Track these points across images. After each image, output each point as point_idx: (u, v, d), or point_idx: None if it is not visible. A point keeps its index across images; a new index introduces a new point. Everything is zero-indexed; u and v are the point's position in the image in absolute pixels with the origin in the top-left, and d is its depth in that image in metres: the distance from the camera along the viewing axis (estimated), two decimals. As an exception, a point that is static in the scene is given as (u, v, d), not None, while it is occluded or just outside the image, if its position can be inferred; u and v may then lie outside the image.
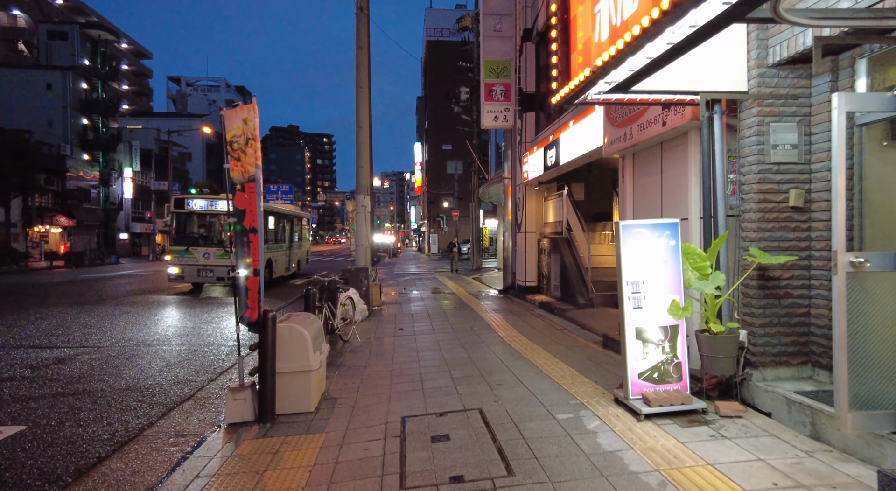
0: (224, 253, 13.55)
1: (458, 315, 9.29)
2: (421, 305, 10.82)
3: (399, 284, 16.78)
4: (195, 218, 14.73)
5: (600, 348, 6.27)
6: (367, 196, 11.61)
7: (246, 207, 4.36)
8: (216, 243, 13.99)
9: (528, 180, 11.06)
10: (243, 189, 4.37)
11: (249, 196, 4.35)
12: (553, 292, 10.43)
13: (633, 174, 6.10)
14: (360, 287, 9.74)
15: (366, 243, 11.25)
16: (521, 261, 11.78)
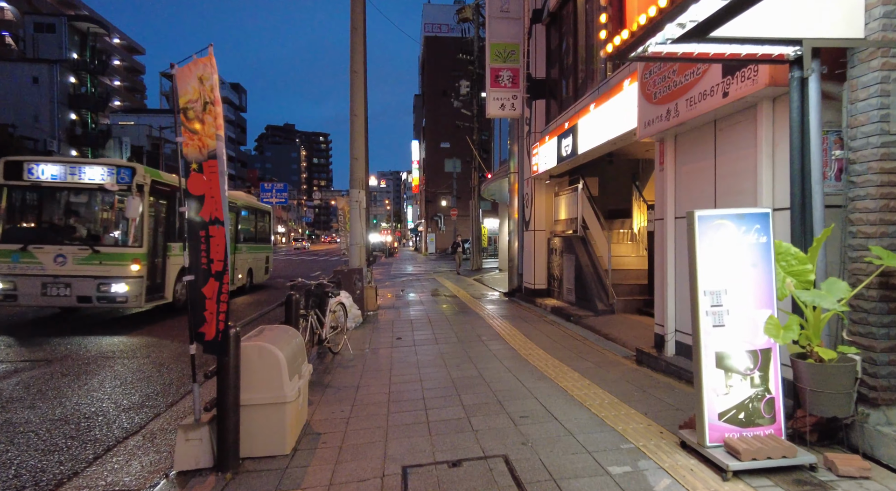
0: (91, 256, 8.21)
1: (463, 322, 8.35)
2: (420, 310, 9.87)
3: (396, 285, 15.82)
4: (43, 196, 8.75)
5: (634, 365, 5.34)
6: (362, 191, 10.67)
7: (205, 192, 3.40)
8: (79, 239, 8.51)
9: (538, 174, 10.13)
10: (201, 169, 3.42)
11: (210, 177, 3.39)
12: (566, 296, 9.51)
13: (675, 160, 5.17)
14: (353, 290, 8.79)
15: (360, 242, 10.31)
16: (529, 262, 10.85)
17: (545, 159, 9.58)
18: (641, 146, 7.53)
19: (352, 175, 10.59)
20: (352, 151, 10.56)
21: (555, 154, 8.97)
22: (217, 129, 3.39)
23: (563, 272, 9.68)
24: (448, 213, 44.30)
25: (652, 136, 5.22)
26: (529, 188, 10.84)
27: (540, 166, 9.93)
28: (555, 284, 10.16)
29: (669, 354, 5.12)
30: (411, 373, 5.29)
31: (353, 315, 8.10)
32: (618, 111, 6.45)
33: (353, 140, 10.45)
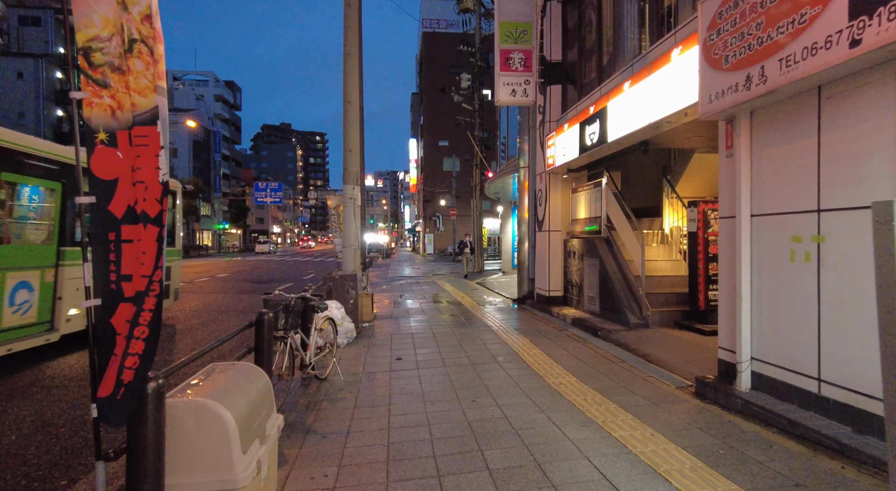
0: None
1: (471, 336, 7.25)
2: (422, 321, 8.76)
3: (394, 289, 14.70)
4: None
5: (698, 402, 4.24)
6: (357, 186, 9.57)
7: (119, 175, 2.29)
8: None
9: (554, 167, 9.03)
10: (114, 141, 2.30)
11: (133, 154, 2.28)
12: (587, 305, 8.41)
13: (753, 143, 4.07)
14: (346, 300, 7.68)
15: (355, 244, 9.20)
16: (543, 266, 9.75)
17: (563, 151, 8.48)
18: (681, 132, 6.45)
19: (345, 169, 9.49)
20: (345, 143, 9.46)
21: (576, 144, 7.87)
22: (156, 79, 2.29)
23: (583, 278, 8.59)
24: (447, 213, 43.18)
25: (720, 112, 4.12)
26: (543, 184, 9.74)
27: (556, 159, 8.83)
28: (573, 291, 9.07)
29: (744, 389, 4.02)
30: (416, 411, 4.18)
31: (346, 329, 7.00)
32: (663, 88, 5.35)
33: (346, 130, 9.35)
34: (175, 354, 6.79)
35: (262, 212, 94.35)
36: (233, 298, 12.76)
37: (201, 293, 13.92)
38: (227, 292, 14.25)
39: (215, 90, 77.31)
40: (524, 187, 11.00)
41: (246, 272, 22.74)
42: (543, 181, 9.72)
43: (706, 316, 6.55)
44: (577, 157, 7.88)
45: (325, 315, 5.56)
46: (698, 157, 7.61)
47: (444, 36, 49.16)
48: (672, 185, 7.97)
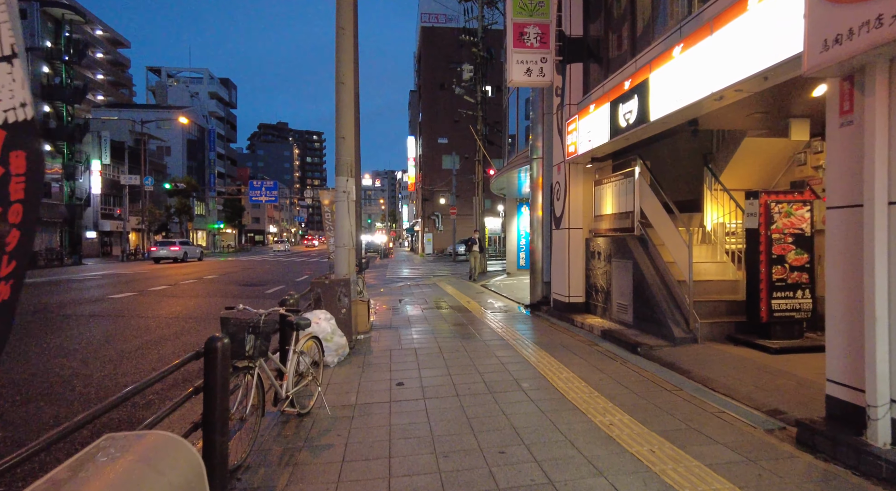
0: None
1: (485, 352, 6.13)
2: (425, 332, 7.64)
3: (392, 292, 13.58)
4: None
5: (810, 458, 3.13)
6: (351, 178, 8.47)
7: None
8: None
9: (576, 156, 7.92)
10: None
11: None
12: (616, 314, 7.30)
13: (892, 106, 2.97)
14: (337, 309, 6.55)
15: (349, 243, 8.10)
16: (561, 268, 8.65)
17: (588, 136, 7.36)
18: (740, 108, 5.35)
19: (338, 159, 8.39)
20: (338, 129, 8.36)
21: (605, 127, 6.76)
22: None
23: (610, 283, 7.48)
24: (446, 212, 42.05)
25: (840, 64, 3.01)
26: (561, 176, 8.63)
27: (579, 146, 7.72)
28: (598, 297, 7.95)
29: (883, 444, 2.91)
30: (425, 469, 3.07)
31: (337, 345, 5.87)
32: (731, 48, 4.24)
33: (338, 114, 8.26)
34: (123, 376, 5.65)
35: (259, 211, 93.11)
36: (217, 303, 11.63)
37: (184, 297, 12.78)
38: (213, 296, 13.11)
39: (210, 87, 76.04)
40: (537, 182, 9.88)
41: (236, 273, 21.58)
42: (562, 172, 8.61)
43: (770, 330, 5.45)
44: (606, 142, 6.77)
45: (309, 333, 4.44)
46: (750, 142, 6.51)
47: (443, 31, 48.03)
48: (715, 174, 6.87)
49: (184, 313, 10.12)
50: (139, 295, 13.19)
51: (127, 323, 8.99)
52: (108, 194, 43.41)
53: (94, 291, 14.28)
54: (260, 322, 3.45)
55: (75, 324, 8.88)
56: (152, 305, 11.24)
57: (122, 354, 6.60)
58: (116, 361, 6.27)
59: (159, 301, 12.00)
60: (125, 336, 7.81)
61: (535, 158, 9.89)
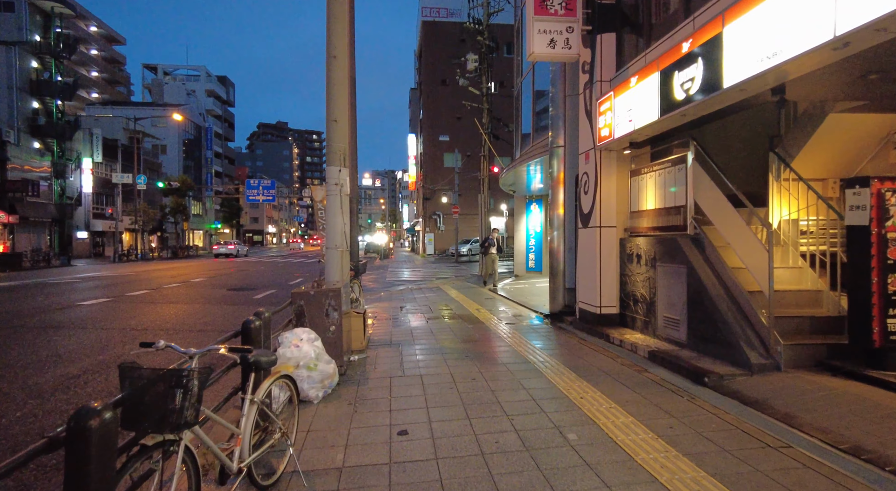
0: None
1: (511, 382, 4.88)
2: (433, 350, 6.39)
3: (392, 298, 12.34)
4: None
5: None
6: (345, 168, 7.26)
7: None
8: None
9: (610, 141, 6.67)
10: None
11: None
12: (663, 330, 6.06)
13: None
14: (324, 327, 5.30)
15: (342, 245, 6.90)
16: (590, 273, 7.40)
17: (628, 115, 6.12)
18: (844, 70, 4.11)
19: (329, 146, 7.17)
20: (329, 111, 7.16)
21: (653, 101, 5.51)
22: None
23: (654, 292, 6.23)
24: (448, 212, 40.77)
25: None
26: (591, 166, 7.38)
27: (615, 128, 6.47)
28: (637, 308, 6.70)
29: None
30: None
31: (322, 374, 4.62)
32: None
33: (330, 94, 7.05)
34: (46, 415, 4.40)
35: (257, 211, 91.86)
36: (197, 311, 10.39)
37: (162, 304, 11.53)
38: (195, 302, 11.87)
39: (207, 85, 74.80)
40: (559, 177, 8.63)
41: (226, 276, 20.34)
42: (591, 162, 7.36)
43: (885, 358, 4.20)
44: (653, 121, 5.52)
45: (278, 371, 3.20)
46: (837, 119, 5.28)
47: (444, 25, 46.76)
48: (785, 161, 5.62)
49: (154, 324, 8.88)
50: (113, 301, 11.94)
51: (85, 337, 7.75)
52: (101, 193, 42.15)
53: (66, 296, 13.03)
54: (187, 374, 2.19)
55: (25, 337, 7.64)
56: (123, 314, 10.00)
57: (58, 383, 5.35)
58: (47, 393, 5.03)
59: (133, 309, 10.75)
60: (75, 354, 6.57)
61: (556, 147, 8.64)
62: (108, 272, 23.04)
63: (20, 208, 32.15)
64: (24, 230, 33.51)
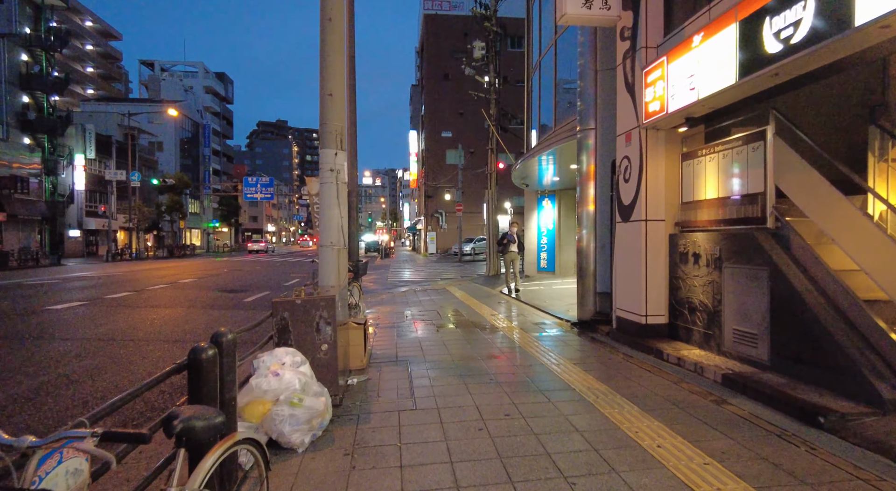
0: None
1: (557, 419, 3.75)
2: (449, 369, 5.25)
3: (395, 300, 11.22)
4: None
5: None
6: (341, 151, 6.18)
7: None
8: None
9: (661, 117, 5.54)
10: None
11: None
12: (734, 346, 4.92)
13: None
14: (314, 346, 4.14)
15: (338, 242, 5.80)
16: (633, 275, 6.27)
17: (689, 82, 4.98)
18: None
19: (322, 124, 6.07)
20: (323, 84, 6.06)
21: (729, 61, 4.37)
22: None
23: (719, 298, 5.09)
24: (451, 209, 39.62)
25: None
26: (633, 148, 6.25)
27: (670, 101, 5.33)
28: (694, 318, 5.56)
29: None
30: None
31: (310, 413, 3.45)
32: None
33: (325, 62, 5.96)
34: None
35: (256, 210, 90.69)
36: (178, 316, 9.27)
37: (142, 308, 10.41)
38: (178, 306, 10.74)
39: (205, 82, 73.60)
40: (588, 165, 7.50)
41: (219, 276, 19.22)
42: (633, 144, 6.22)
43: None
44: (730, 85, 4.38)
45: (233, 438, 2.06)
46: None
47: (447, 18, 45.58)
48: (890, 132, 4.49)
49: (124, 333, 7.75)
50: (87, 305, 10.81)
51: (44, 348, 6.63)
52: (94, 191, 41.01)
53: (38, 299, 11.90)
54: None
55: None
56: (93, 321, 8.87)
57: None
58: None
59: (106, 314, 9.63)
60: (23, 372, 5.44)
61: (585, 130, 7.50)
62: (95, 272, 21.93)
63: (8, 206, 31.00)
64: (13, 228, 32.37)
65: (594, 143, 7.42)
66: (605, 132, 7.29)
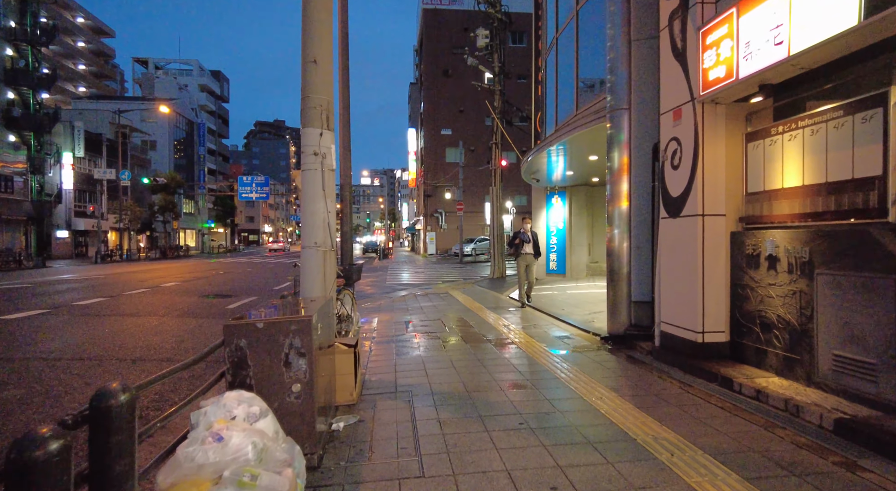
0: None
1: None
2: (463, 408, 4.11)
3: (395, 308, 10.08)
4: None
5: None
6: (328, 132, 5.11)
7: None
8: None
9: (733, 83, 4.40)
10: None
11: None
12: (836, 376, 3.79)
13: None
14: (281, 389, 2.97)
15: (325, 242, 4.73)
16: (685, 281, 5.14)
17: (775, 36, 3.85)
18: None
19: (305, 98, 4.99)
20: (306, 48, 5.00)
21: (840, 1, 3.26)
22: None
23: (811, 314, 3.97)
24: (451, 209, 38.50)
25: None
26: (686, 128, 5.12)
27: (744, 63, 4.20)
28: (770, 337, 4.42)
29: None
30: None
31: None
32: None
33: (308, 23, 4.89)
34: None
35: (253, 210, 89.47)
36: (149, 327, 8.12)
37: (109, 316, 9.25)
38: (153, 314, 9.60)
39: (200, 80, 72.39)
40: (621, 153, 6.38)
41: (207, 279, 18.07)
42: (685, 122, 5.10)
43: None
44: (851, 27, 3.27)
45: None
46: None
47: (446, 13, 44.46)
48: None
49: (77, 350, 6.60)
50: (47, 314, 9.65)
51: None
52: (84, 190, 39.76)
53: None
54: None
55: None
56: (48, 334, 7.72)
57: None
58: None
59: (67, 325, 8.48)
60: None
61: (617, 111, 6.38)
62: (77, 275, 20.75)
63: (-10, 205, 29.81)
64: (-3, 229, 31.16)
65: (628, 127, 6.29)
66: (641, 112, 6.17)
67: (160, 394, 4.67)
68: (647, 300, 6.14)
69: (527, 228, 9.73)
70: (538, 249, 9.69)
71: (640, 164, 6.18)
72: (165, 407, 4.19)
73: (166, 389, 4.80)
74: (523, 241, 9.58)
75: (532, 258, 9.61)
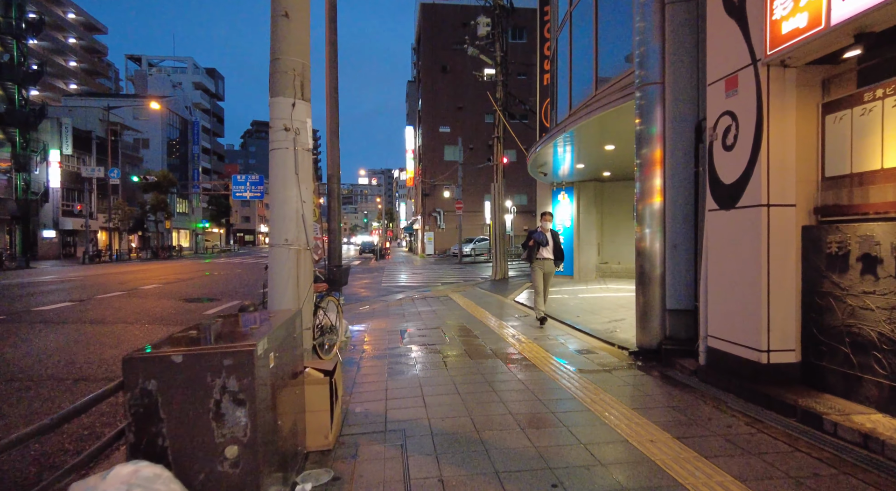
0: None
1: None
2: (472, 453, 3.15)
3: (390, 314, 9.09)
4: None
5: None
6: (302, 102, 4.16)
7: None
8: None
9: (824, 32, 3.44)
10: None
11: None
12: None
13: None
14: (208, 454, 1.99)
15: (298, 240, 3.76)
16: (740, 286, 4.18)
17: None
18: None
19: (274, 60, 4.05)
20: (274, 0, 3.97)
21: None
22: None
23: (930, 333, 3.01)
24: (450, 208, 37.53)
25: None
26: (745, 100, 4.16)
27: (834, 6, 3.25)
28: (865, 359, 3.47)
29: None
30: None
31: None
32: None
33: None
34: None
35: (248, 210, 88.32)
36: (109, 337, 7.12)
37: (70, 324, 8.26)
38: (119, 321, 8.60)
39: (195, 77, 71.26)
40: (655, 141, 5.42)
41: (192, 281, 17.07)
42: (744, 92, 4.14)
43: None
44: None
45: None
46: None
47: (445, 8, 43.51)
48: None
49: (7, 369, 5.61)
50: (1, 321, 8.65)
51: None
52: (73, 189, 38.65)
53: None
54: None
55: None
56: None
57: None
58: None
59: (14, 334, 7.48)
60: None
61: (648, 85, 5.41)
62: (57, 276, 19.73)
63: (-28, 204, 28.72)
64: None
65: (661, 105, 5.33)
66: (678, 87, 5.21)
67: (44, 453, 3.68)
68: (685, 309, 5.19)
69: (546, 228, 7.63)
70: (560, 252, 7.66)
71: (677, 147, 5.22)
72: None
73: (65, 438, 3.81)
74: (539, 243, 7.50)
75: (552, 265, 7.60)
